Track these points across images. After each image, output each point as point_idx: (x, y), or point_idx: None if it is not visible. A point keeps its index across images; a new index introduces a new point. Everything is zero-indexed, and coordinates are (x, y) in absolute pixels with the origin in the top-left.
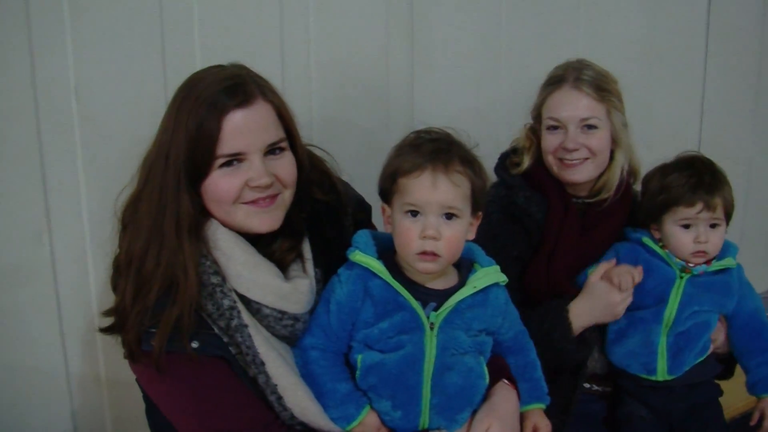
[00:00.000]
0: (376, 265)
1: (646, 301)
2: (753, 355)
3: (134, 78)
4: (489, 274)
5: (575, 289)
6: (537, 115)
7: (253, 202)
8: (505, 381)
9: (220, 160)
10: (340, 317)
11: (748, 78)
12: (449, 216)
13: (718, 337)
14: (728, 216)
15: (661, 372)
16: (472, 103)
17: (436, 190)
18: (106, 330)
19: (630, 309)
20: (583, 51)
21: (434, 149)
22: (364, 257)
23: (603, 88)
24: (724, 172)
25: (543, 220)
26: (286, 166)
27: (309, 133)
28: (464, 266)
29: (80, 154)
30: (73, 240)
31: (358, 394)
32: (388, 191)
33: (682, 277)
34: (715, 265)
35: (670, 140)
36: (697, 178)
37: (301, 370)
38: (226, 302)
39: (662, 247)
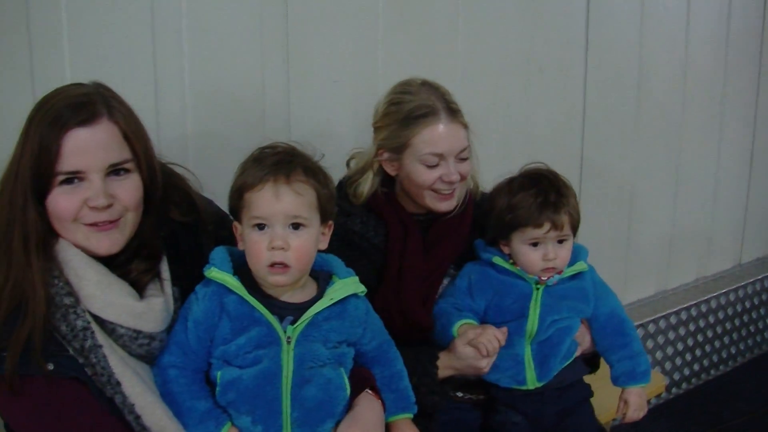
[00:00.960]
0: (231, 281)
1: (507, 317)
2: (614, 351)
3: (1, 96)
4: (347, 285)
5: (426, 313)
6: (399, 146)
7: (94, 224)
8: (369, 391)
9: (60, 177)
10: (198, 334)
11: (628, 90)
12: (296, 226)
13: (584, 339)
14: (575, 228)
15: (531, 381)
16: (350, 119)
17: (280, 201)
18: None
19: (493, 324)
20: (462, 65)
21: (276, 161)
22: (219, 273)
23: (461, 111)
24: (569, 185)
25: (381, 243)
26: (128, 188)
27: (184, 152)
28: (322, 278)
29: None
30: None
31: (218, 412)
32: (236, 208)
33: (538, 289)
34: (568, 272)
35: (551, 154)
36: (543, 198)
37: (161, 388)
38: (80, 323)
39: (513, 263)
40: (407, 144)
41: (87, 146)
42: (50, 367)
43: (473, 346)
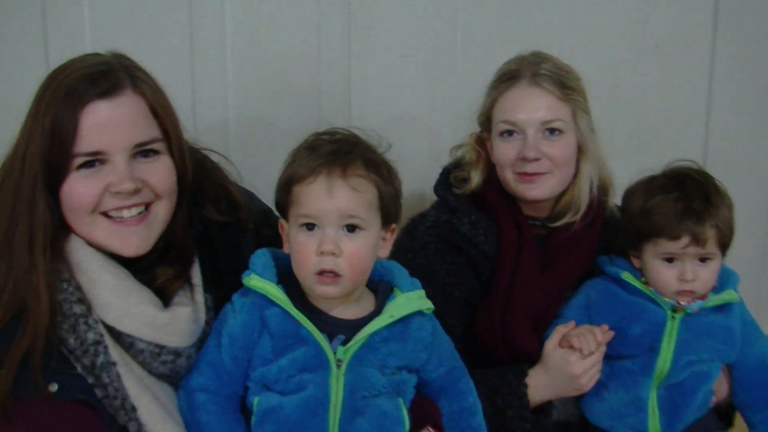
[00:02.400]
0: (274, 291)
1: (633, 350)
2: (759, 409)
3: (12, 67)
4: (411, 301)
5: (535, 341)
6: (486, 120)
7: (119, 219)
8: (431, 429)
9: (78, 160)
10: (234, 352)
11: (766, 69)
12: (351, 228)
13: (720, 387)
14: (724, 246)
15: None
16: (423, 103)
17: (333, 197)
18: None
19: (613, 361)
20: (560, 39)
21: (332, 151)
22: (260, 282)
23: (566, 85)
24: (723, 191)
25: (492, 251)
26: (159, 171)
27: (224, 136)
28: (382, 291)
29: None
30: None
31: None
32: (283, 204)
33: (674, 318)
34: (713, 300)
35: (669, 146)
36: (685, 203)
37: (186, 416)
38: (91, 336)
39: (646, 283)
40: (491, 116)
41: (109, 122)
42: (53, 387)
43: (566, 346)
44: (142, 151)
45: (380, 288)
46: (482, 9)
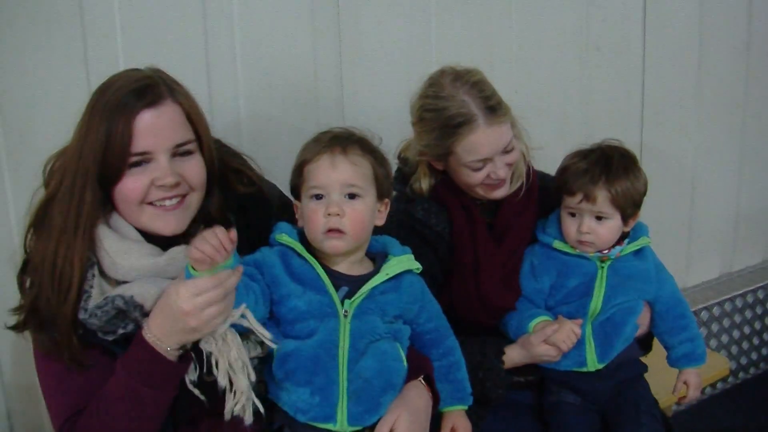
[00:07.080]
0: (300, 246)
1: (571, 298)
2: (676, 334)
3: (57, 86)
4: (402, 261)
5: (507, 296)
6: (442, 155)
7: (161, 206)
8: (421, 381)
9: (133, 158)
10: (257, 268)
11: (689, 68)
12: (352, 196)
13: (644, 322)
14: (621, 209)
15: (592, 362)
16: (404, 99)
17: (335, 169)
18: (15, 327)
19: (553, 307)
20: (516, 43)
21: (334, 137)
22: (288, 239)
23: (502, 103)
24: (632, 165)
25: (445, 231)
26: (194, 167)
27: (237, 133)
28: (379, 257)
29: (5, 164)
30: (2, 245)
31: None
32: (297, 185)
33: (602, 267)
34: (631, 247)
35: (610, 133)
36: (585, 166)
37: None
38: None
39: (573, 247)
40: (450, 152)
41: (154, 127)
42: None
43: (551, 344)
44: (180, 151)
45: (377, 256)
46: (450, 23)
